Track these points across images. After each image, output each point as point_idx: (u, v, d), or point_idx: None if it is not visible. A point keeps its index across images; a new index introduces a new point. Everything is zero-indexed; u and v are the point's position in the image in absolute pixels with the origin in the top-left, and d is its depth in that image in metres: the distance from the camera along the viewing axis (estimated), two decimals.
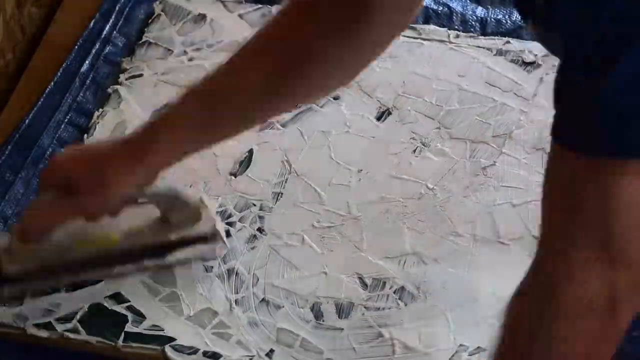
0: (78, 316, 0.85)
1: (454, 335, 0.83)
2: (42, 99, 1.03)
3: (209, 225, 0.87)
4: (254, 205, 0.93)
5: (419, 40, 1.07)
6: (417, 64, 1.05)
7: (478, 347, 0.82)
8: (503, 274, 0.86)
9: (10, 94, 1.05)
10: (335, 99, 1.02)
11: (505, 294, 0.84)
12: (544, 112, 1.00)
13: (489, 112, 1.00)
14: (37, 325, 0.84)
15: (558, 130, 0.57)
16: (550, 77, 1.01)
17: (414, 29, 1.08)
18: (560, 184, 0.58)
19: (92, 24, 1.11)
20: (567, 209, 0.58)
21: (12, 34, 1.09)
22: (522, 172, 0.95)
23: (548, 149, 0.94)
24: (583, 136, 0.55)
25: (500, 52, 1.06)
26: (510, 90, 1.02)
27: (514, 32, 1.09)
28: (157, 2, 1.13)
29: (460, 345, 0.82)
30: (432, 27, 1.09)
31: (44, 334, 0.84)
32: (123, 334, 0.83)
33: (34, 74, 1.07)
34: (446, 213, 0.92)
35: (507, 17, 1.10)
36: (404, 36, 1.07)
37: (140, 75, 1.05)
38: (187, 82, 1.04)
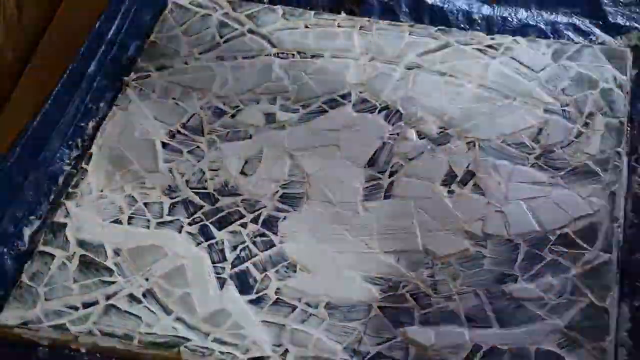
0: (92, 318, 0.85)
1: (469, 335, 0.83)
2: (49, 101, 1.03)
3: None
4: (265, 205, 0.93)
5: (425, 39, 1.08)
6: (424, 63, 1.05)
7: (492, 347, 0.82)
8: (515, 272, 0.87)
9: (10, 94, 1.04)
10: (343, 98, 1.02)
11: (519, 293, 0.86)
12: (550, 110, 1.00)
13: (496, 111, 1.00)
14: (51, 327, 0.84)
15: None
16: (554, 75, 1.02)
17: (420, 28, 1.09)
18: None
19: (98, 24, 1.11)
20: None
21: (12, 34, 1.08)
22: (531, 169, 0.95)
23: (555, 147, 0.96)
24: None
25: (506, 51, 1.06)
26: (515, 89, 1.02)
27: (520, 31, 1.09)
28: (164, 3, 1.13)
29: (475, 345, 0.83)
30: (438, 27, 1.09)
31: (57, 335, 0.84)
32: (137, 335, 0.84)
33: (34, 74, 1.07)
34: (456, 211, 0.92)
35: (513, 15, 1.10)
36: (411, 35, 1.08)
37: (148, 77, 1.05)
38: (194, 83, 1.05)
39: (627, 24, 1.09)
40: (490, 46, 1.07)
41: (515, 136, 0.98)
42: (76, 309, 0.85)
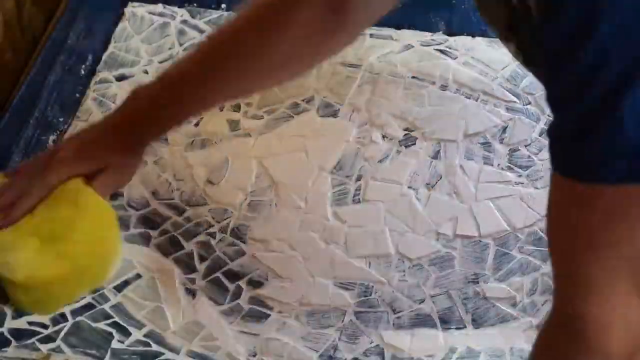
0: (61, 335, 0.83)
1: (444, 337, 0.83)
2: (8, 114, 1.01)
3: None
4: (233, 214, 0.92)
5: (386, 42, 1.08)
6: (386, 66, 1.05)
7: (468, 348, 0.83)
8: (486, 272, 0.88)
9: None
10: (307, 102, 1.02)
11: (491, 293, 0.86)
12: (512, 109, 1.01)
13: (460, 112, 1.00)
14: (20, 347, 0.82)
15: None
16: (515, 74, 1.03)
17: (381, 30, 1.09)
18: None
19: (54, 34, 1.09)
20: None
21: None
22: (497, 169, 0.95)
23: (520, 146, 0.96)
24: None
25: (467, 51, 1.06)
26: (478, 88, 1.02)
27: (479, 30, 1.10)
28: (121, 12, 1.11)
29: (450, 347, 0.83)
30: (399, 29, 1.10)
31: (26, 355, 0.82)
32: (109, 350, 0.82)
33: None
34: (425, 213, 0.92)
35: (472, 14, 1.11)
36: (372, 38, 1.08)
37: (109, 87, 1.04)
38: None
39: None
40: (451, 47, 1.07)
41: (481, 136, 0.98)
42: (45, 326, 0.84)
